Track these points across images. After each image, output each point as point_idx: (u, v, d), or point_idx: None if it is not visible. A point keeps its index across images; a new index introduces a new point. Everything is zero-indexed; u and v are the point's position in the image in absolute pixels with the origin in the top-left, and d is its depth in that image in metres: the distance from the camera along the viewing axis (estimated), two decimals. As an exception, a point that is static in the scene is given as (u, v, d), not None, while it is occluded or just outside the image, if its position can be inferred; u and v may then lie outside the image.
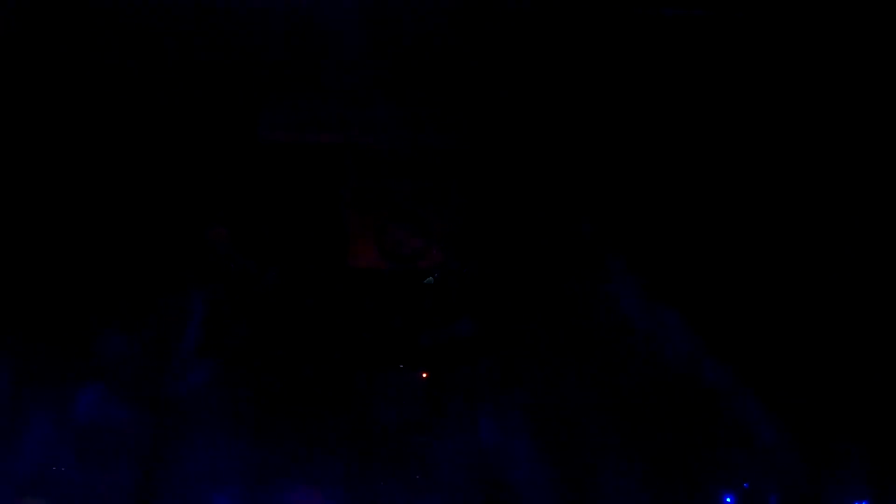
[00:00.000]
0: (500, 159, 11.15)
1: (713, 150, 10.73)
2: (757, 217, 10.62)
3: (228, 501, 10.29)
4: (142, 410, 10.39)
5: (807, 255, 10.53)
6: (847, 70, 10.04)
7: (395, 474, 10.49)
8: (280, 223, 10.92)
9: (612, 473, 10.42)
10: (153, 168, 10.72)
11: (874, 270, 10.44)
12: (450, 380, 10.80)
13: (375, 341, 11.22)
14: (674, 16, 9.94)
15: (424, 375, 10.91)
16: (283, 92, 11.06)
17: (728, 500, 10.36)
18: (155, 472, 10.40)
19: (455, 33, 10.21)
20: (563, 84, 10.64)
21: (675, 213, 10.86)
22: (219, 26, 10.02)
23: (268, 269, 10.06)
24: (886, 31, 9.77)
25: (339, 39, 10.17)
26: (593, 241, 11.00)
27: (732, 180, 10.69)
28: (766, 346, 10.54)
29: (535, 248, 11.02)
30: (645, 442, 10.47)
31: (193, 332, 10.33)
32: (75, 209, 10.63)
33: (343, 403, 10.82)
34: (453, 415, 10.63)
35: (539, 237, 11.04)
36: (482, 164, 11.27)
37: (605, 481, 10.41)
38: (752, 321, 10.59)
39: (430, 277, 10.12)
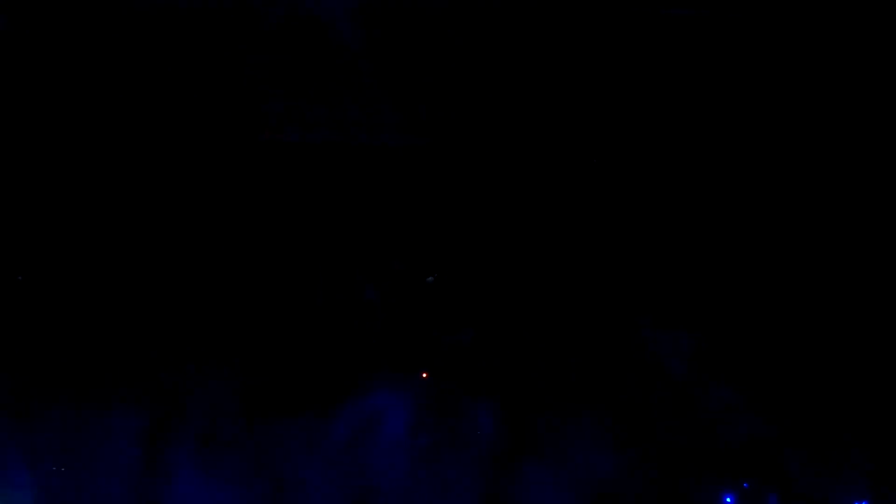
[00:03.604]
0: (500, 159, 11.15)
1: (712, 150, 10.74)
2: (756, 216, 10.62)
3: (227, 500, 10.30)
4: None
5: (806, 255, 10.54)
6: (847, 70, 10.06)
7: (395, 474, 10.49)
8: (279, 223, 10.92)
9: (611, 473, 10.42)
10: (153, 167, 10.73)
11: (874, 270, 10.45)
12: (450, 380, 10.81)
13: (376, 341, 11.22)
14: (674, 16, 9.96)
15: (424, 375, 10.91)
16: (283, 91, 11.06)
17: (728, 500, 10.35)
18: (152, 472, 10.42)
19: (455, 33, 10.23)
20: (562, 84, 10.64)
21: (671, 210, 10.87)
22: (219, 25, 10.03)
23: None
24: (886, 31, 9.79)
25: (339, 39, 10.18)
26: (593, 244, 11.03)
27: (732, 180, 10.71)
28: (766, 346, 10.54)
29: (535, 247, 11.03)
30: (645, 442, 10.48)
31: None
32: (75, 209, 10.63)
33: (343, 403, 10.82)
34: (454, 415, 10.63)
35: (538, 237, 11.05)
36: (482, 164, 11.28)
37: (605, 481, 10.42)
38: (752, 321, 10.60)
39: (430, 277, 10.12)
